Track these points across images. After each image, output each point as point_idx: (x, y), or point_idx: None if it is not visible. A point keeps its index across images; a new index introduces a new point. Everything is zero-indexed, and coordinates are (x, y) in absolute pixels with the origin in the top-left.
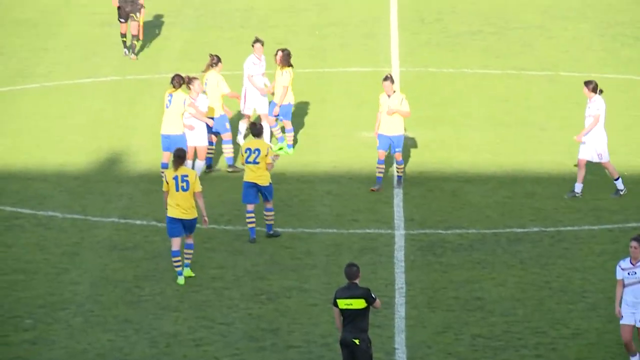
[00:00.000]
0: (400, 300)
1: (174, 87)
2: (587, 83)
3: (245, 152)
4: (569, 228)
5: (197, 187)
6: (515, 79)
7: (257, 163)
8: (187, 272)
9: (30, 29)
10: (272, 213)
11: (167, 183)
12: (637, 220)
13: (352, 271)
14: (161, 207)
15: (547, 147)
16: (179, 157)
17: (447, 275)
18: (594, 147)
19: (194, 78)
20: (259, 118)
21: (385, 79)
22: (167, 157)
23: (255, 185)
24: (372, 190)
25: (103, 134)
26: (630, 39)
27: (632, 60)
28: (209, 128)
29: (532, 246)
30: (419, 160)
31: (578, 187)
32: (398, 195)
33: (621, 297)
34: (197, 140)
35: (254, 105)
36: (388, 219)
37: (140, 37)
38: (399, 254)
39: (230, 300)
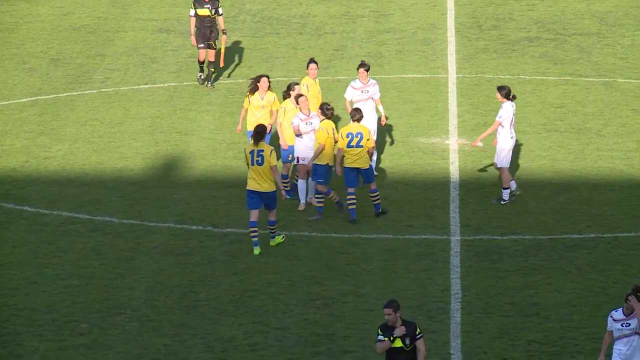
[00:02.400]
0: (456, 305)
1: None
2: (499, 88)
3: (347, 136)
4: (625, 234)
5: (273, 161)
6: (572, 86)
7: (361, 146)
8: (274, 241)
9: (87, 36)
10: (378, 193)
11: (246, 157)
12: None
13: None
14: (217, 212)
15: (604, 153)
16: (259, 132)
17: (503, 281)
18: (496, 150)
19: (300, 95)
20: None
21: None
22: (286, 168)
23: (356, 169)
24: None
25: (160, 139)
26: None
27: None
28: None
29: (589, 252)
30: (475, 167)
31: (513, 185)
32: (454, 201)
33: (607, 348)
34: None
35: None
36: (444, 225)
37: (221, 64)
38: (455, 260)
39: (285, 305)
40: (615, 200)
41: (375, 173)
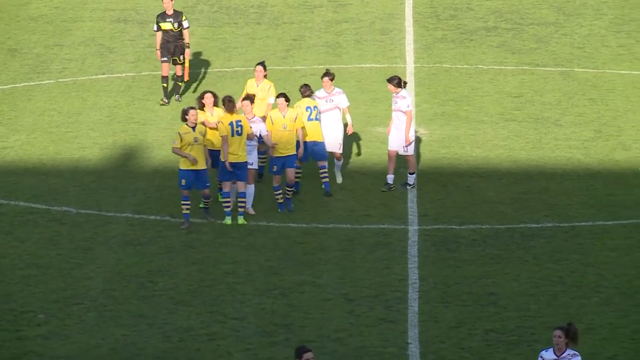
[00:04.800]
0: (413, 295)
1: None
2: (390, 80)
3: (307, 110)
4: (582, 223)
5: (249, 129)
6: (530, 75)
7: (318, 120)
8: (241, 220)
9: (45, 26)
10: (327, 170)
11: (225, 128)
12: None
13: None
14: (175, 202)
15: (561, 142)
16: (231, 101)
17: (461, 270)
18: (402, 140)
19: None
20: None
21: (280, 95)
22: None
23: (315, 143)
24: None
25: (117, 129)
26: None
27: None
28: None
29: (546, 241)
30: (433, 156)
31: (390, 179)
32: (412, 191)
33: None
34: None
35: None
36: (402, 215)
37: (186, 77)
38: (413, 249)
39: (243, 295)
40: (572, 189)
41: (341, 179)
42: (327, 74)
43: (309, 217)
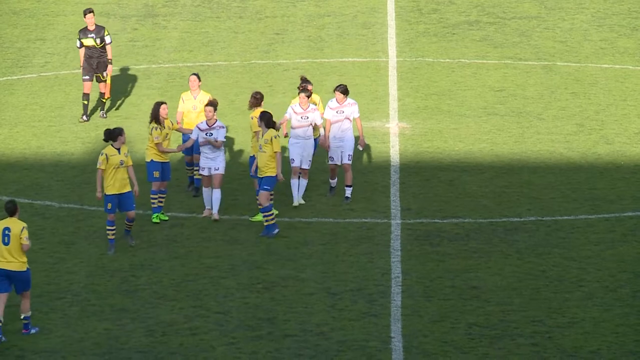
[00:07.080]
0: (396, 289)
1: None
2: (338, 88)
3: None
4: (565, 217)
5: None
6: (512, 69)
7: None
8: (258, 217)
9: (27, 19)
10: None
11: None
12: (633, 209)
13: None
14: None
15: (544, 136)
16: (256, 97)
17: (444, 264)
18: (348, 148)
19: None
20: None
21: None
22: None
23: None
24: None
25: (100, 123)
26: (627, 29)
27: (629, 51)
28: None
29: (529, 235)
30: (416, 150)
31: (334, 186)
32: (395, 185)
33: None
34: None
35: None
36: (385, 209)
37: (107, 94)
38: (396, 244)
39: (226, 289)
40: (555, 183)
41: (302, 201)
42: (305, 90)
43: (292, 211)
